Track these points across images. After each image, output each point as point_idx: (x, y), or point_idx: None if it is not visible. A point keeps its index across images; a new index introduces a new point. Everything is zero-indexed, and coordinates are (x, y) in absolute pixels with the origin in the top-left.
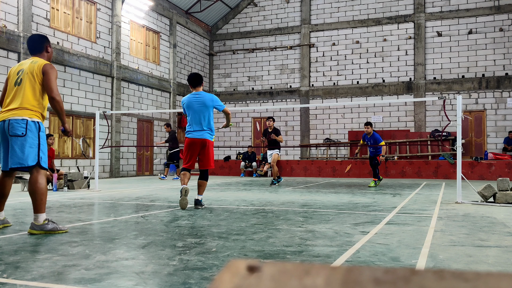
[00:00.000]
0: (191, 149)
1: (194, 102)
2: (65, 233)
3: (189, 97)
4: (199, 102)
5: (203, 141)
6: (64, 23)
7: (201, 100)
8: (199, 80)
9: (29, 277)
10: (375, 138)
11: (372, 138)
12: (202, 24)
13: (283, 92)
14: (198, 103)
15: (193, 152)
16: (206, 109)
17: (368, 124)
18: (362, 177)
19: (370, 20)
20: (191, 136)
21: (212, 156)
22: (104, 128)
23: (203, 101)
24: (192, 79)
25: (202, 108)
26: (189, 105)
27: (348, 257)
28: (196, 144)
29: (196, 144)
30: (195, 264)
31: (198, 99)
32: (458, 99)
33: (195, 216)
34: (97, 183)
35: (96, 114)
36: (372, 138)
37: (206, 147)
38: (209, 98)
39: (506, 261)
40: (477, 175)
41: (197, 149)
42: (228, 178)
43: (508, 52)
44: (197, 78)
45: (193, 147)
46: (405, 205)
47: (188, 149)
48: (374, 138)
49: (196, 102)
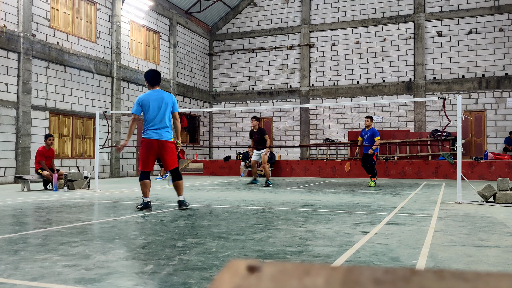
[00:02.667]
0: (151, 149)
1: (155, 100)
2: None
3: (148, 94)
4: (160, 100)
5: (161, 142)
6: (64, 23)
7: (161, 97)
8: (159, 78)
9: (29, 277)
10: (373, 132)
11: (370, 131)
12: (202, 24)
13: (283, 92)
14: (159, 101)
15: (152, 153)
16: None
17: (368, 117)
18: (362, 177)
19: (370, 20)
20: (150, 136)
21: (175, 154)
22: (104, 128)
23: (164, 99)
24: (154, 77)
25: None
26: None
27: (348, 257)
28: (155, 144)
29: (155, 145)
30: (195, 264)
31: (157, 96)
32: (458, 99)
33: (195, 216)
34: (97, 183)
35: (96, 114)
36: (370, 132)
37: (166, 148)
38: (169, 96)
39: (506, 261)
40: (477, 175)
41: (156, 150)
42: (228, 178)
43: (508, 52)
44: (158, 75)
45: (152, 147)
46: (405, 205)
47: (146, 150)
48: (372, 132)
49: (156, 100)
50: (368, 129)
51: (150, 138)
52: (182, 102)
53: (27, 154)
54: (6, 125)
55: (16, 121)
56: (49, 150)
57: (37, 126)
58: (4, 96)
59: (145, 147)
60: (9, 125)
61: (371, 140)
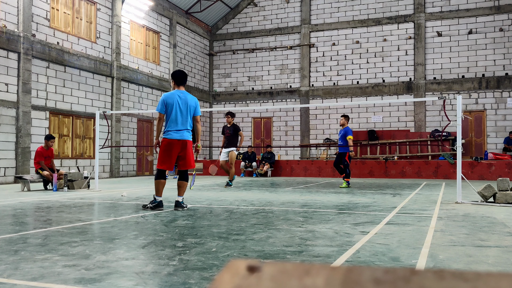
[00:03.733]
0: (172, 150)
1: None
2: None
3: (173, 94)
4: (184, 101)
5: (184, 142)
6: (64, 23)
7: (185, 99)
8: (185, 78)
9: (29, 277)
10: (346, 131)
11: (343, 130)
12: (202, 24)
13: (283, 92)
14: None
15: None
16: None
17: (343, 116)
18: (362, 177)
19: (370, 20)
20: (171, 136)
21: (193, 155)
22: (104, 128)
23: (188, 101)
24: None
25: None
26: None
27: (348, 257)
28: (177, 144)
29: (177, 145)
30: (195, 264)
31: (182, 98)
32: (458, 99)
33: (195, 216)
34: (97, 183)
35: (96, 114)
36: (343, 131)
37: (187, 148)
38: (193, 99)
39: (506, 261)
40: (477, 175)
41: (178, 150)
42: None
43: (508, 52)
44: (184, 76)
45: (174, 147)
46: (405, 205)
47: (167, 149)
48: (345, 131)
49: (181, 101)
50: (342, 128)
51: (172, 138)
52: None
53: (27, 154)
54: (6, 125)
55: (16, 121)
56: (48, 150)
57: (37, 126)
58: (4, 96)
59: (166, 147)
60: (9, 125)
61: (344, 139)
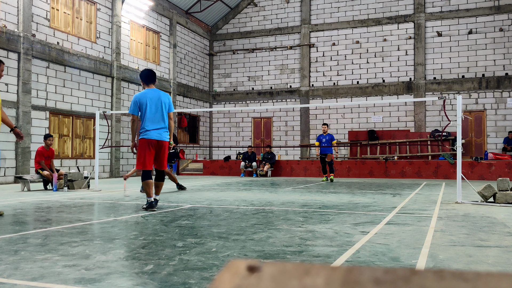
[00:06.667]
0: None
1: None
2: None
3: (145, 93)
4: (157, 99)
5: (161, 142)
6: (64, 23)
7: (158, 96)
8: (154, 76)
9: (29, 277)
10: (331, 137)
11: (328, 136)
12: (202, 24)
13: (283, 92)
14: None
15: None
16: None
17: (325, 124)
18: (362, 177)
19: (370, 20)
20: (149, 136)
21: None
22: (104, 128)
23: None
24: (148, 75)
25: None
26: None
27: (348, 257)
28: (155, 144)
29: (155, 145)
30: (195, 264)
31: (154, 95)
32: (458, 99)
33: (195, 216)
34: (97, 183)
35: (96, 114)
36: (328, 136)
37: (162, 149)
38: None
39: (506, 261)
40: (477, 175)
41: (155, 150)
42: (228, 178)
43: (508, 52)
44: (153, 74)
45: (152, 147)
46: (405, 205)
47: (146, 149)
48: (330, 137)
49: (154, 99)
50: (325, 133)
51: (150, 138)
52: (182, 102)
53: (27, 154)
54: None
55: (16, 121)
56: (48, 150)
57: (37, 126)
58: (4, 96)
59: (146, 146)
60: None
61: (330, 143)
